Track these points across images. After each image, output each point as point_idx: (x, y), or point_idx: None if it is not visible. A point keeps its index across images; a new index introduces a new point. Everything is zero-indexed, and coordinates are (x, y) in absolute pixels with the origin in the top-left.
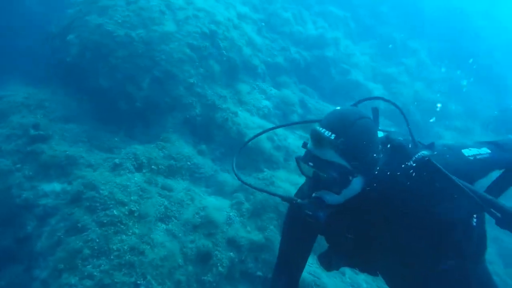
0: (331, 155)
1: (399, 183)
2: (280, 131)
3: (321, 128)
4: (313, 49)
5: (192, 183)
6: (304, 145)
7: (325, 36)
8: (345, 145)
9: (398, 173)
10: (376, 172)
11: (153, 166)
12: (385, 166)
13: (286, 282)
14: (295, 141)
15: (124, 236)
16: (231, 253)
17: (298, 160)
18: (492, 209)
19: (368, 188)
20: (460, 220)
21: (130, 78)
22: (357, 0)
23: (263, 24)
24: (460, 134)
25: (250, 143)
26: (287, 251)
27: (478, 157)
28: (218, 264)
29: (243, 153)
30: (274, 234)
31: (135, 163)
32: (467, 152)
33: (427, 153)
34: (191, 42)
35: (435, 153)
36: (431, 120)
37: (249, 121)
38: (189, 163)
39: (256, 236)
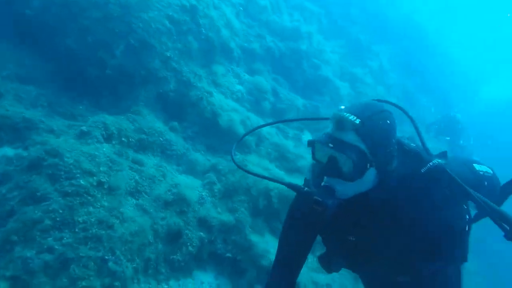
0: (353, 139)
1: (411, 187)
2: (253, 117)
3: (345, 113)
4: (288, 41)
5: (163, 160)
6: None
7: (300, 29)
8: (368, 131)
9: (411, 178)
10: (390, 173)
11: (123, 138)
12: (398, 169)
13: (286, 281)
14: (266, 128)
15: (91, 208)
16: (202, 233)
17: (315, 142)
18: (501, 221)
19: (379, 186)
20: (460, 227)
21: (102, 43)
22: None
23: (241, 8)
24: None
25: (224, 125)
26: (288, 246)
27: (486, 174)
28: (188, 244)
29: (215, 134)
30: (245, 217)
31: (104, 132)
32: (478, 167)
33: (441, 161)
34: (171, 14)
35: (447, 162)
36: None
37: (223, 103)
38: (161, 139)
39: (227, 218)
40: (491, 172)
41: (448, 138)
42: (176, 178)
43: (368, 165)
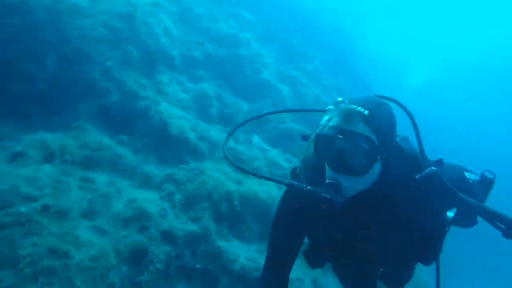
0: (364, 129)
1: (406, 190)
2: (202, 124)
3: (352, 105)
4: (228, 47)
5: (115, 175)
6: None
7: (238, 36)
8: (377, 122)
9: (406, 182)
10: (390, 168)
11: (67, 156)
12: (394, 170)
13: (279, 280)
14: (217, 133)
15: (37, 238)
16: (167, 247)
17: (320, 136)
18: (497, 222)
19: (380, 181)
20: (444, 230)
21: (29, 54)
22: (264, 8)
23: (178, 16)
24: None
25: (175, 133)
26: (279, 244)
27: (474, 182)
28: (155, 260)
29: (166, 144)
30: (210, 224)
31: (44, 152)
32: (468, 175)
33: (437, 169)
34: (107, 21)
35: (442, 170)
36: None
37: (171, 112)
38: (110, 153)
39: (192, 227)
40: (477, 178)
41: None
42: (133, 192)
43: (378, 157)
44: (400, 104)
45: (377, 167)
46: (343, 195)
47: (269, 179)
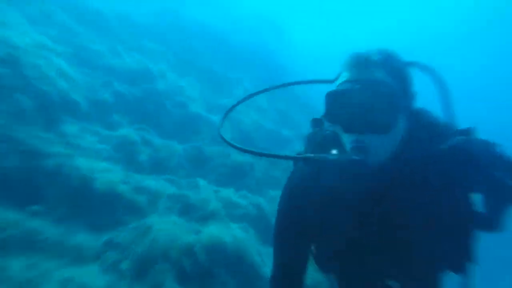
0: (382, 75)
1: (430, 165)
2: (133, 174)
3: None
4: (141, 83)
5: (35, 256)
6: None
7: (150, 69)
8: (393, 67)
9: (429, 154)
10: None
11: None
12: (415, 138)
13: None
14: (154, 181)
15: None
16: None
17: (332, 93)
18: None
19: (408, 146)
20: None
21: None
22: (170, 35)
23: (72, 56)
24: None
25: (102, 189)
26: (290, 253)
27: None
28: None
29: (93, 204)
30: (174, 285)
31: None
32: (499, 150)
33: (466, 139)
34: None
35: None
36: None
37: (92, 166)
38: (20, 230)
39: None
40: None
41: None
42: (65, 272)
43: (402, 108)
44: (424, 66)
45: (401, 123)
46: (373, 155)
47: (279, 156)
